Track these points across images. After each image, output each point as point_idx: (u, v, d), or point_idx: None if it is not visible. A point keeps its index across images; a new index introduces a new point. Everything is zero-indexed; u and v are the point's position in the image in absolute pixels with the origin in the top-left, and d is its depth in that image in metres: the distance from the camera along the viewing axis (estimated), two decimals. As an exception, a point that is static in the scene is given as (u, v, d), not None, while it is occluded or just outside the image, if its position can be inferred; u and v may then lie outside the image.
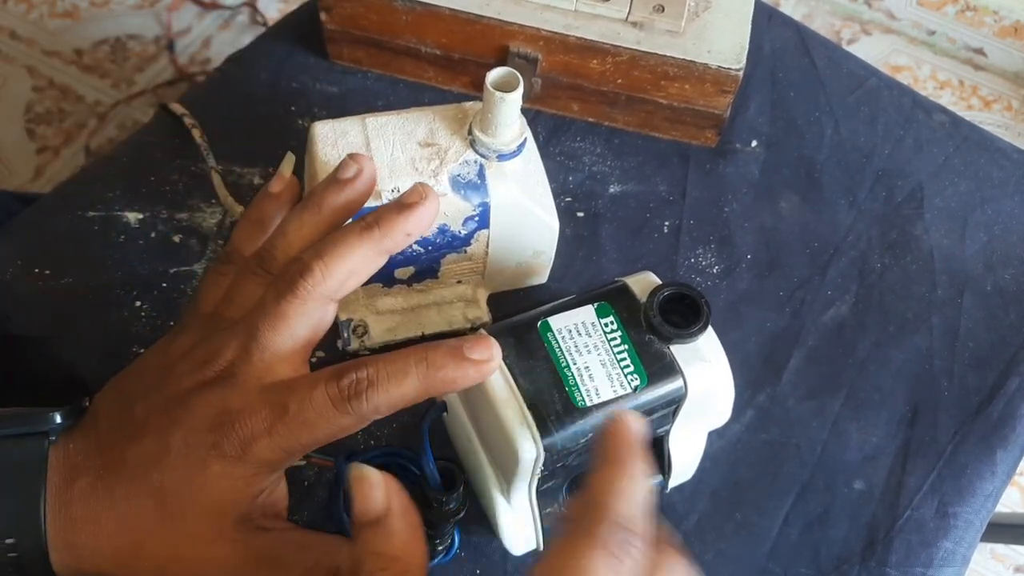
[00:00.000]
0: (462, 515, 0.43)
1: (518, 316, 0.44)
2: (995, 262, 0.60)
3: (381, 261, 0.39)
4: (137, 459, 0.37)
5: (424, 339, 0.52)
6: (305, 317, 0.38)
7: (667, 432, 0.45)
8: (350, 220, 0.41)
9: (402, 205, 0.39)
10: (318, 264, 0.38)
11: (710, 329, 0.43)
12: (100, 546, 0.37)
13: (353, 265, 0.38)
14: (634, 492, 0.33)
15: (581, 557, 0.32)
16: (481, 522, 0.47)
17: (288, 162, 0.44)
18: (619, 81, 0.59)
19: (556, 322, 0.43)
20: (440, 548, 0.46)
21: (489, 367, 0.37)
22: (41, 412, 0.38)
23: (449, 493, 0.42)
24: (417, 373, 0.36)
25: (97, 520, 0.37)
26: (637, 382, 0.41)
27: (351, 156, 0.41)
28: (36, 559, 0.36)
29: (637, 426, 0.36)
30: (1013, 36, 1.50)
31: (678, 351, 0.43)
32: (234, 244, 0.42)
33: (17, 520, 0.36)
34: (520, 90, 0.44)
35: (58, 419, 0.38)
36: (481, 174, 0.47)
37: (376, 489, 0.35)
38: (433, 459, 0.42)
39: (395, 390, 0.36)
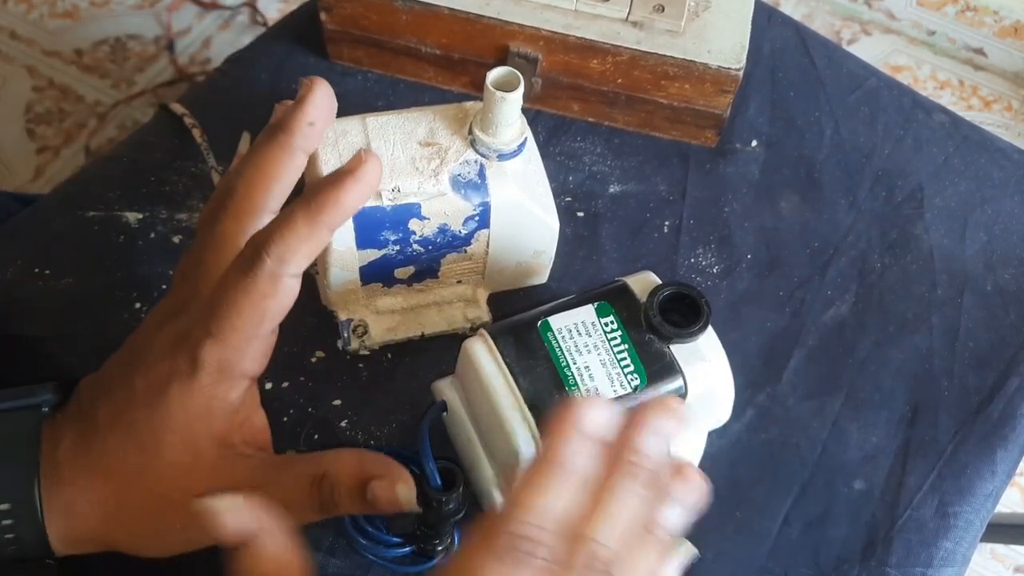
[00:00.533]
0: (462, 515, 0.43)
1: (518, 316, 0.44)
2: (995, 262, 0.60)
3: (296, 160, 0.41)
4: (109, 409, 0.38)
5: (424, 339, 0.52)
6: (242, 234, 0.39)
7: (667, 432, 0.45)
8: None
9: (300, 102, 0.41)
10: (239, 182, 0.40)
11: (710, 329, 0.43)
12: (88, 502, 0.37)
13: (266, 167, 0.40)
14: (544, 504, 0.32)
15: (474, 567, 0.32)
16: (481, 522, 0.47)
17: (244, 141, 0.46)
18: (619, 81, 0.59)
19: (556, 322, 0.43)
20: (440, 548, 0.46)
21: (368, 172, 0.37)
22: (33, 387, 0.39)
23: (449, 493, 0.42)
24: (301, 209, 0.36)
25: (82, 476, 0.37)
26: (637, 382, 0.41)
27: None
28: (31, 526, 0.37)
29: (589, 416, 0.34)
30: (1013, 36, 1.50)
31: (678, 351, 0.43)
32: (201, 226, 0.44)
33: (12, 488, 0.37)
34: (520, 90, 0.44)
35: (49, 392, 0.39)
36: (481, 174, 0.47)
37: (230, 517, 0.34)
38: (433, 459, 0.42)
39: (288, 234, 0.36)
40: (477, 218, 0.48)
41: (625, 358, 0.42)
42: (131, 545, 0.39)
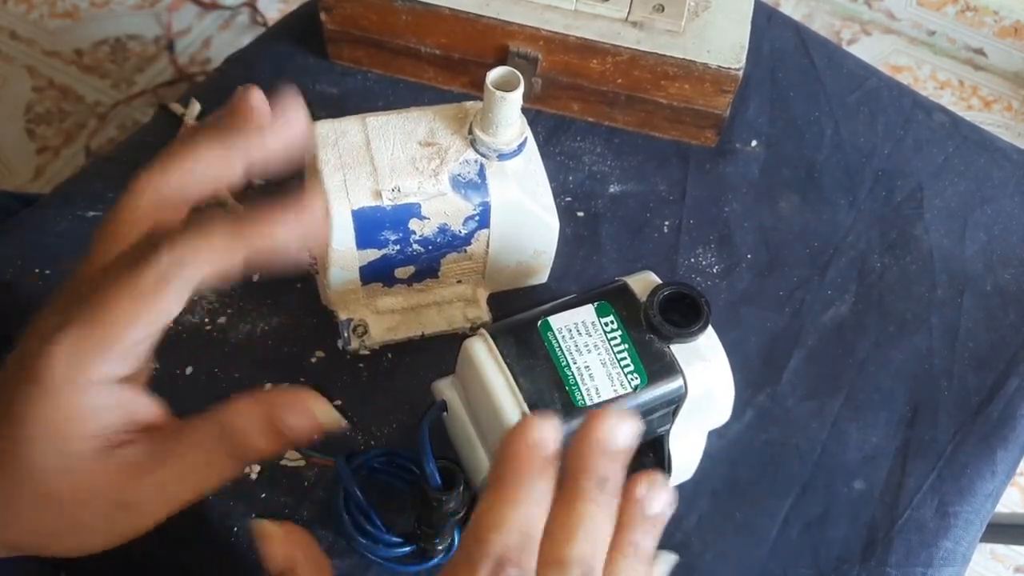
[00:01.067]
0: (462, 514, 0.43)
1: (518, 316, 0.44)
2: (995, 262, 0.60)
3: (226, 157, 0.36)
4: None
5: (424, 339, 0.52)
6: (135, 215, 0.35)
7: (667, 432, 0.45)
8: None
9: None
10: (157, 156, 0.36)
11: (710, 329, 0.43)
12: None
13: (187, 146, 0.36)
14: (516, 519, 0.32)
15: None
16: (481, 522, 0.47)
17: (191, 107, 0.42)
18: (619, 81, 0.59)
19: (556, 321, 0.43)
20: (440, 548, 0.46)
21: (311, 220, 0.34)
22: None
23: (449, 492, 0.42)
24: (226, 223, 0.32)
25: None
26: (637, 381, 0.41)
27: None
28: None
29: (542, 434, 0.33)
30: (1013, 36, 1.50)
31: (678, 350, 0.43)
32: None
33: None
34: (520, 89, 0.44)
35: None
36: (481, 173, 0.47)
37: (278, 544, 0.35)
38: (433, 459, 0.42)
39: (200, 239, 0.32)
40: (477, 218, 0.48)
41: (625, 358, 0.42)
42: (37, 546, 0.36)
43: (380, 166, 0.46)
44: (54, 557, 0.37)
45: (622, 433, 0.34)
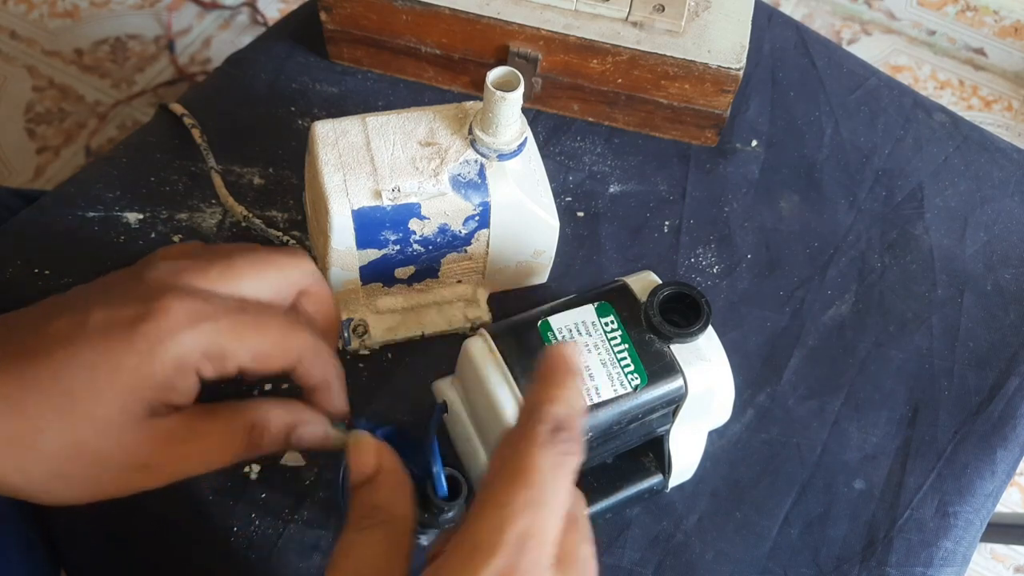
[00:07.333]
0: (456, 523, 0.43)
1: (518, 316, 0.44)
2: (995, 262, 0.60)
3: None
4: (45, 338, 0.35)
5: (424, 339, 0.52)
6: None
7: (667, 431, 0.45)
8: None
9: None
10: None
11: (710, 329, 0.43)
12: None
13: None
14: (572, 399, 0.34)
15: (528, 455, 0.32)
16: (481, 522, 0.47)
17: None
18: (619, 81, 0.59)
19: (556, 321, 0.43)
20: (423, 540, 0.45)
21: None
22: None
23: (452, 502, 0.41)
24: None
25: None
26: (637, 381, 0.41)
27: None
28: None
29: (572, 353, 0.35)
30: (1013, 36, 1.50)
31: (678, 350, 0.43)
32: None
33: None
34: (520, 89, 0.44)
35: None
36: (481, 173, 0.47)
37: (368, 453, 0.38)
38: (442, 465, 0.41)
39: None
40: (477, 218, 0.48)
41: (625, 358, 0.42)
42: (41, 492, 0.35)
43: (380, 166, 0.46)
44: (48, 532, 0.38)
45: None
